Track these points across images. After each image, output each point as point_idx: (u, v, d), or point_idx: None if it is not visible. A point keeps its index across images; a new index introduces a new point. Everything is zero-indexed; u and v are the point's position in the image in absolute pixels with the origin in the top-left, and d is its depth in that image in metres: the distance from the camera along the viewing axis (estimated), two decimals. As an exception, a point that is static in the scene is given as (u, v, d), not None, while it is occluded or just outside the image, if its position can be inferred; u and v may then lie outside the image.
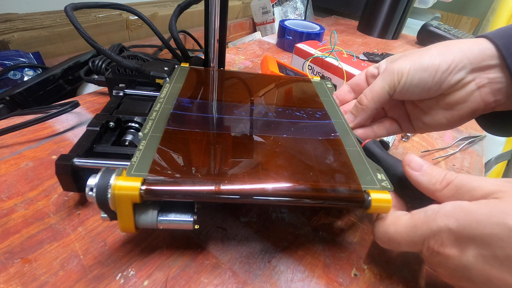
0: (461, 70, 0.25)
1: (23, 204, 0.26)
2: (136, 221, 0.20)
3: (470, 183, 0.19)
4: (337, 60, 0.50)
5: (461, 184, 0.20)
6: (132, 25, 0.73)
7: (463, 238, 0.17)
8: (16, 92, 0.41)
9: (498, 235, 0.16)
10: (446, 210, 0.18)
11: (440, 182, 0.21)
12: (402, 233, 0.20)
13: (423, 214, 0.20)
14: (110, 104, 0.32)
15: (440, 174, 0.21)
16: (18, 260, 0.22)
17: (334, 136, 0.28)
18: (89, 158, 0.24)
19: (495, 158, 0.74)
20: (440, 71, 0.25)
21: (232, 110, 0.30)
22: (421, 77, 0.26)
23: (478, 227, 0.17)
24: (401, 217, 0.21)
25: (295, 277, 0.23)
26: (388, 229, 0.21)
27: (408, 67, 0.26)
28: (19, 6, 0.63)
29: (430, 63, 0.26)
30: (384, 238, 0.22)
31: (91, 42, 0.33)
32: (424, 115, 0.29)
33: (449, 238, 0.18)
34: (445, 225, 0.18)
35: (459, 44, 0.26)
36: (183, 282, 0.22)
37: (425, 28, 0.87)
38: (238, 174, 0.22)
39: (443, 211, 0.19)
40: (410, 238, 0.20)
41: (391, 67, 0.28)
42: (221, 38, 0.38)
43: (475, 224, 0.17)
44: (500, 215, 0.16)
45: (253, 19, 1.03)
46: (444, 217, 0.18)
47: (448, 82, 0.25)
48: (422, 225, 0.19)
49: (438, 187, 0.21)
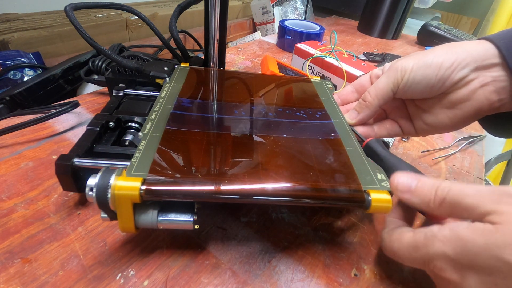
0: (464, 68, 0.25)
1: (23, 204, 0.26)
2: (136, 221, 0.20)
3: (463, 200, 0.18)
4: (337, 60, 0.50)
5: (454, 202, 0.19)
6: (132, 25, 0.73)
7: (462, 265, 0.17)
8: (16, 92, 0.41)
9: (496, 268, 0.16)
10: (444, 236, 0.18)
11: (433, 201, 0.20)
12: (404, 251, 0.20)
13: (423, 235, 0.19)
14: (110, 104, 0.32)
15: (431, 190, 0.20)
16: (18, 260, 0.22)
17: (334, 136, 0.28)
18: (89, 158, 0.24)
19: (495, 158, 0.74)
20: (444, 67, 0.25)
21: (232, 110, 0.30)
22: (424, 74, 0.26)
23: (476, 259, 0.16)
24: (405, 234, 0.21)
25: (295, 277, 0.23)
26: (393, 244, 0.21)
27: (412, 64, 0.27)
28: (19, 6, 0.63)
29: (434, 61, 0.26)
30: (389, 252, 0.22)
31: (91, 42, 0.33)
32: (427, 114, 0.29)
33: (448, 264, 0.18)
34: (443, 252, 0.18)
35: (463, 44, 0.26)
36: (183, 282, 0.22)
37: (425, 28, 0.87)
38: (238, 174, 0.22)
39: (441, 236, 0.18)
40: (412, 257, 0.20)
41: (395, 65, 0.28)
42: (221, 38, 0.38)
43: (472, 255, 0.17)
44: (497, 249, 0.16)
45: (253, 19, 1.03)
46: (442, 243, 0.18)
47: (451, 79, 0.25)
48: (422, 247, 0.19)
49: (432, 206, 0.20)
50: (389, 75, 0.28)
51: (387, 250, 0.22)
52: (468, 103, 0.26)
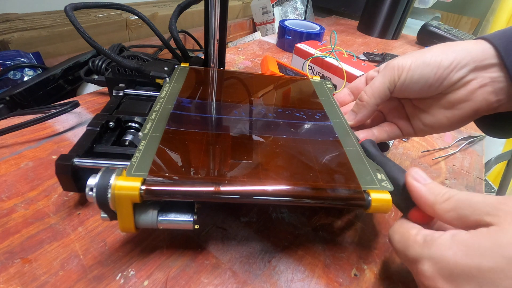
0: (463, 68, 0.25)
1: (23, 204, 0.26)
2: (136, 221, 0.20)
3: (472, 199, 0.18)
4: (337, 60, 0.50)
5: (462, 199, 0.19)
6: (132, 25, 0.73)
7: (459, 273, 0.16)
8: (16, 92, 0.41)
9: (501, 268, 0.15)
10: (445, 240, 0.17)
11: (442, 195, 0.20)
12: (401, 245, 0.20)
13: (422, 237, 0.19)
14: (110, 104, 0.32)
15: (442, 189, 0.20)
16: (18, 260, 0.22)
17: (334, 137, 0.28)
18: (89, 158, 0.24)
19: (495, 158, 0.74)
20: (442, 67, 0.25)
21: (232, 110, 0.30)
22: (422, 73, 0.26)
23: (482, 261, 0.16)
24: (410, 230, 0.20)
25: (295, 277, 0.23)
26: (395, 235, 0.21)
27: (410, 62, 0.26)
28: (19, 6, 0.63)
29: (432, 59, 0.26)
30: (390, 240, 0.22)
31: (91, 42, 0.33)
32: (425, 115, 0.29)
33: (442, 271, 0.17)
34: (441, 256, 0.17)
35: (461, 44, 0.26)
36: (183, 282, 0.22)
37: (425, 28, 0.87)
38: (238, 174, 0.22)
39: (441, 240, 0.18)
40: (404, 253, 0.20)
41: (391, 64, 0.28)
42: (221, 38, 0.38)
43: (477, 258, 0.16)
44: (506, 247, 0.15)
45: (253, 19, 1.03)
46: (442, 247, 0.17)
47: (450, 79, 0.25)
48: (417, 247, 0.19)
49: (438, 199, 0.20)
50: (386, 73, 0.28)
51: (389, 237, 0.22)
52: (467, 104, 0.26)
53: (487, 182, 0.89)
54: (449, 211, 0.19)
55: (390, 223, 0.29)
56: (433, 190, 0.20)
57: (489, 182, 0.90)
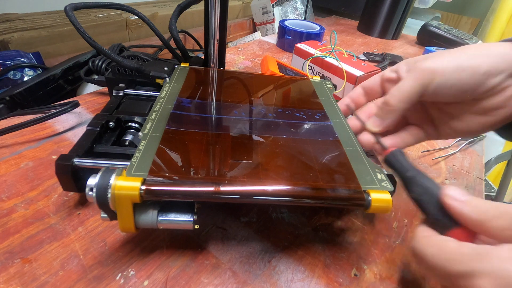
0: (499, 74, 0.23)
1: (23, 204, 0.26)
2: (136, 221, 0.20)
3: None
4: (337, 60, 0.50)
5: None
6: (132, 25, 0.73)
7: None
8: (16, 92, 0.41)
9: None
10: (504, 252, 0.16)
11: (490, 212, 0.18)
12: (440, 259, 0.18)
13: (472, 250, 0.17)
14: (110, 104, 0.32)
15: (486, 204, 0.19)
16: (18, 260, 0.22)
17: (334, 137, 0.28)
18: (89, 158, 0.24)
19: (495, 158, 0.74)
20: (480, 72, 0.23)
21: (232, 110, 0.30)
22: (458, 78, 0.24)
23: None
24: (448, 243, 0.19)
25: (295, 277, 0.23)
26: (428, 249, 0.19)
27: (443, 66, 0.24)
28: (19, 6, 0.63)
29: (469, 64, 0.24)
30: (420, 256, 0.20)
31: (91, 42, 0.33)
32: (454, 120, 0.27)
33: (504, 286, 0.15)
34: (503, 269, 0.15)
35: (496, 47, 0.24)
36: (183, 282, 0.22)
37: (425, 28, 0.87)
38: (238, 174, 0.22)
39: (499, 253, 0.16)
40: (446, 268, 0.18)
41: (421, 66, 0.25)
42: (221, 38, 0.38)
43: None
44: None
45: (253, 19, 1.03)
46: (500, 260, 0.16)
47: (486, 85, 0.24)
48: (467, 261, 0.17)
49: (487, 217, 0.18)
50: (416, 77, 0.25)
51: (417, 253, 0.20)
52: (502, 110, 0.24)
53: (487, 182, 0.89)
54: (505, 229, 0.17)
55: (390, 223, 0.29)
56: (478, 208, 0.19)
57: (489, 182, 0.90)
